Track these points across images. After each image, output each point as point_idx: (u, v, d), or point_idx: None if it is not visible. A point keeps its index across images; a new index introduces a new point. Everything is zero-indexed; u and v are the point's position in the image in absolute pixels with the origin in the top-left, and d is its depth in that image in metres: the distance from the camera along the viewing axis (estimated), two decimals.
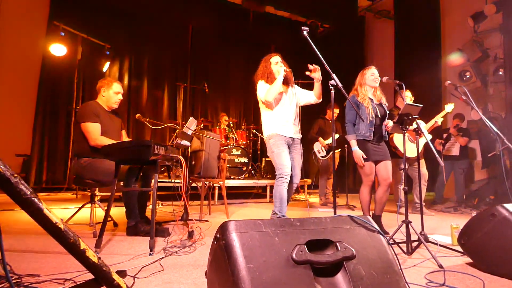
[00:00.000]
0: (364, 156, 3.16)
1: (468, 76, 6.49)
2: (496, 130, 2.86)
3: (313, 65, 2.94)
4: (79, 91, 6.69)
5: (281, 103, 3.21)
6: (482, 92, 6.36)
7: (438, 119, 4.35)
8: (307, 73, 2.99)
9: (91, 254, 1.12)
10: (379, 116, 3.25)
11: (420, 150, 2.90)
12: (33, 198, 0.98)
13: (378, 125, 3.26)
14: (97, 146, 2.87)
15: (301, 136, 3.32)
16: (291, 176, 3.10)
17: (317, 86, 3.18)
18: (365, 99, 3.22)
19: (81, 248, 1.09)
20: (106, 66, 6.62)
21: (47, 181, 6.56)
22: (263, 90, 3.15)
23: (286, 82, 3.23)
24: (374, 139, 3.22)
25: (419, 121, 2.70)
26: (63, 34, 6.01)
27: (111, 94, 3.15)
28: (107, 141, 2.89)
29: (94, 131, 2.92)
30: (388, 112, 3.36)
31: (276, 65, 3.24)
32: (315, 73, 2.99)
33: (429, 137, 3.01)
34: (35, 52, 6.52)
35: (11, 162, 6.14)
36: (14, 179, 0.94)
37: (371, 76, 3.28)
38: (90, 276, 1.21)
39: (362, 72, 3.36)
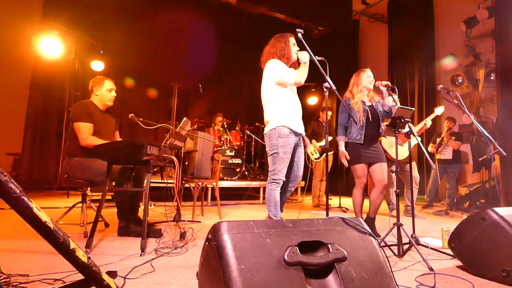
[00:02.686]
0: (347, 157, 3.17)
1: (460, 81, 6.57)
2: (487, 134, 2.90)
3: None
4: (72, 91, 6.64)
5: (293, 94, 2.94)
6: (473, 96, 6.44)
7: (427, 121, 4.38)
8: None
9: (80, 254, 1.11)
10: (370, 118, 3.25)
11: (409, 153, 2.92)
12: (22, 197, 0.97)
13: (371, 127, 3.26)
14: (87, 146, 2.84)
15: None
16: (294, 179, 2.95)
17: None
18: (357, 103, 3.23)
19: (71, 248, 1.08)
20: (99, 66, 6.58)
21: (38, 180, 6.49)
22: (286, 71, 2.80)
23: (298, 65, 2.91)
24: (366, 141, 3.22)
25: (410, 124, 2.72)
26: (56, 32, 5.96)
27: (104, 92, 3.12)
28: (97, 141, 2.87)
29: (84, 131, 2.89)
30: (380, 115, 3.36)
31: (294, 47, 2.94)
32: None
33: (419, 139, 3.06)
34: (28, 50, 6.45)
35: (2, 161, 6.07)
36: (3, 177, 0.93)
37: (367, 78, 3.29)
38: (80, 276, 1.20)
39: (358, 73, 3.37)
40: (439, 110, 4.40)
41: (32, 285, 1.65)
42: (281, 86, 2.86)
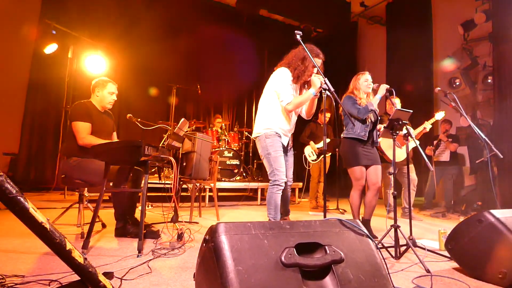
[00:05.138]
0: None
1: (457, 83, 6.59)
2: (484, 137, 2.91)
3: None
4: (70, 90, 6.62)
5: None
6: (471, 99, 6.46)
7: (427, 125, 4.39)
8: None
9: (77, 255, 1.10)
10: (372, 121, 3.29)
11: (407, 155, 2.94)
12: (18, 197, 0.96)
13: (371, 130, 3.30)
14: (85, 145, 2.83)
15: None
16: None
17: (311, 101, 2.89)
18: (362, 102, 3.27)
19: (67, 249, 1.08)
20: (97, 66, 6.56)
21: (35, 180, 6.46)
22: (287, 90, 2.74)
23: (307, 85, 2.86)
24: (368, 141, 3.26)
25: (407, 126, 2.74)
26: (54, 32, 5.94)
27: (105, 94, 3.11)
28: (95, 140, 2.86)
29: (83, 130, 2.89)
30: (379, 117, 3.41)
31: (314, 68, 2.74)
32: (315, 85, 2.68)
33: (417, 142, 3.08)
34: (25, 50, 6.43)
35: None
36: None
37: (364, 82, 3.31)
38: (76, 277, 1.19)
39: (356, 77, 3.39)
40: (439, 115, 4.41)
41: (28, 286, 1.64)
42: (286, 110, 2.81)
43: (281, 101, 2.77)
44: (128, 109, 7.34)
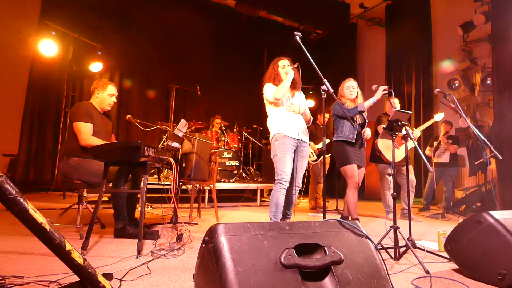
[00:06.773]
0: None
1: (456, 85, 6.60)
2: (483, 138, 2.92)
3: None
4: (69, 92, 6.63)
5: (287, 105, 3.18)
6: (470, 100, 6.47)
7: (417, 132, 4.46)
8: None
9: (76, 256, 1.10)
10: (360, 123, 3.47)
11: (405, 156, 2.96)
12: (18, 198, 0.96)
13: (359, 132, 3.48)
14: (87, 146, 2.84)
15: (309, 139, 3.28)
16: (293, 180, 3.07)
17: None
18: (350, 106, 3.46)
19: (67, 250, 1.08)
20: (97, 67, 6.56)
21: (34, 181, 6.45)
22: (271, 91, 3.10)
23: (293, 86, 3.17)
24: (356, 143, 3.39)
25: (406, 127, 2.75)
26: (54, 33, 5.94)
27: (105, 96, 3.12)
28: (97, 141, 2.87)
29: (85, 131, 2.90)
30: (367, 120, 3.53)
31: (283, 69, 3.20)
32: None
33: (416, 143, 3.12)
34: (25, 51, 6.41)
35: None
36: None
37: (346, 90, 3.54)
38: (75, 278, 1.19)
39: (342, 84, 3.61)
40: (438, 116, 4.42)
41: (27, 286, 1.64)
42: (274, 105, 3.16)
43: (271, 100, 3.10)
44: (128, 110, 7.36)
